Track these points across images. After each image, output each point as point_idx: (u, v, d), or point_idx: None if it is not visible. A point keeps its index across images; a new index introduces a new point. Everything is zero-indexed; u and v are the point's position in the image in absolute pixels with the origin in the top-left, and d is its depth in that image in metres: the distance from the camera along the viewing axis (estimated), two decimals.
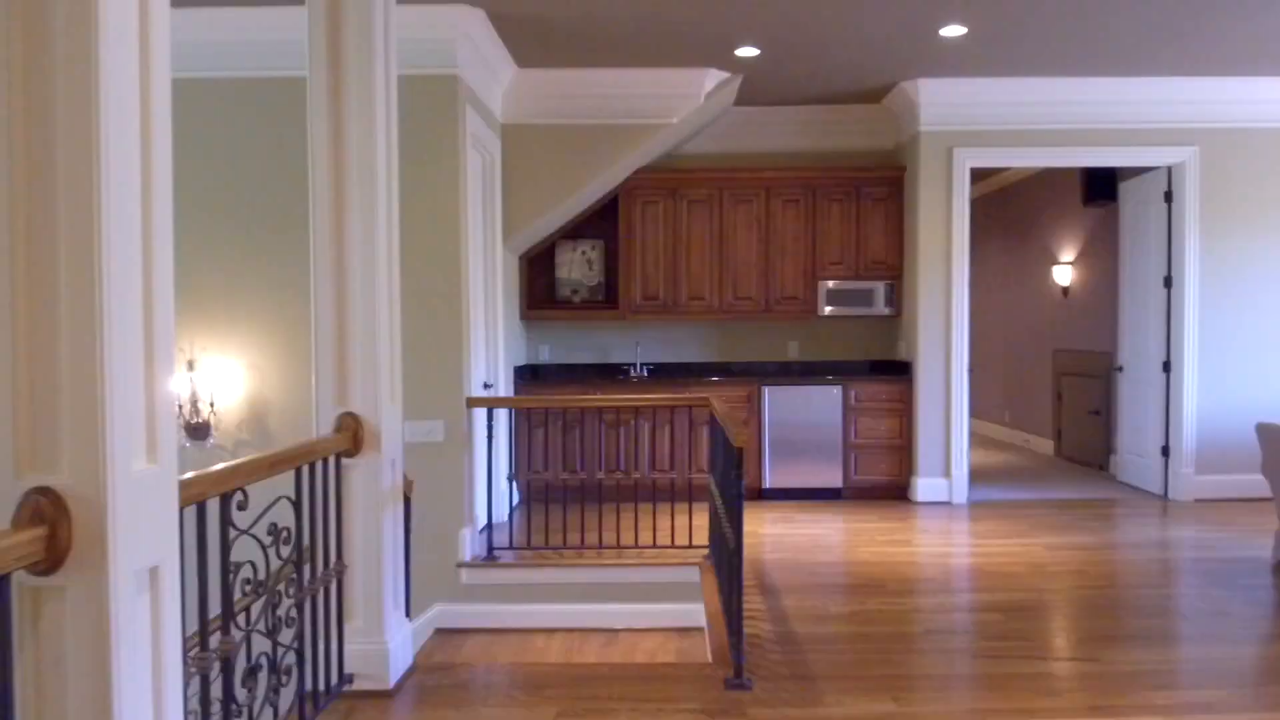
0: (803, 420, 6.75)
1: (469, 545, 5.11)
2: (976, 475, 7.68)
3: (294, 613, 2.85)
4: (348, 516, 3.25)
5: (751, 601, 4.42)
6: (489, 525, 5.36)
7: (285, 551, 2.79)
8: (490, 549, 5.15)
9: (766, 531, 5.86)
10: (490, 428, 5.07)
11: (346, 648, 3.25)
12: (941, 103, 6.55)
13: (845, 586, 4.65)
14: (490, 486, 5.17)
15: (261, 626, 2.68)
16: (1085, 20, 5.21)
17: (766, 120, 7.18)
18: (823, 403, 6.75)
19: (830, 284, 7.00)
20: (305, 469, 2.92)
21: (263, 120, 5.14)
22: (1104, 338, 8.01)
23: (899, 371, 6.95)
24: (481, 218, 5.83)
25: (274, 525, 2.71)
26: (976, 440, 9.86)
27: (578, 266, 7.19)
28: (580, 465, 6.26)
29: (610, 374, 7.24)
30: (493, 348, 5.98)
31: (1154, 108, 6.52)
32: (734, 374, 7.11)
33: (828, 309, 6.99)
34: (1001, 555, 5.20)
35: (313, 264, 3.23)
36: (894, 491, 6.85)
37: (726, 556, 3.82)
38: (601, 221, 7.20)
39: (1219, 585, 4.54)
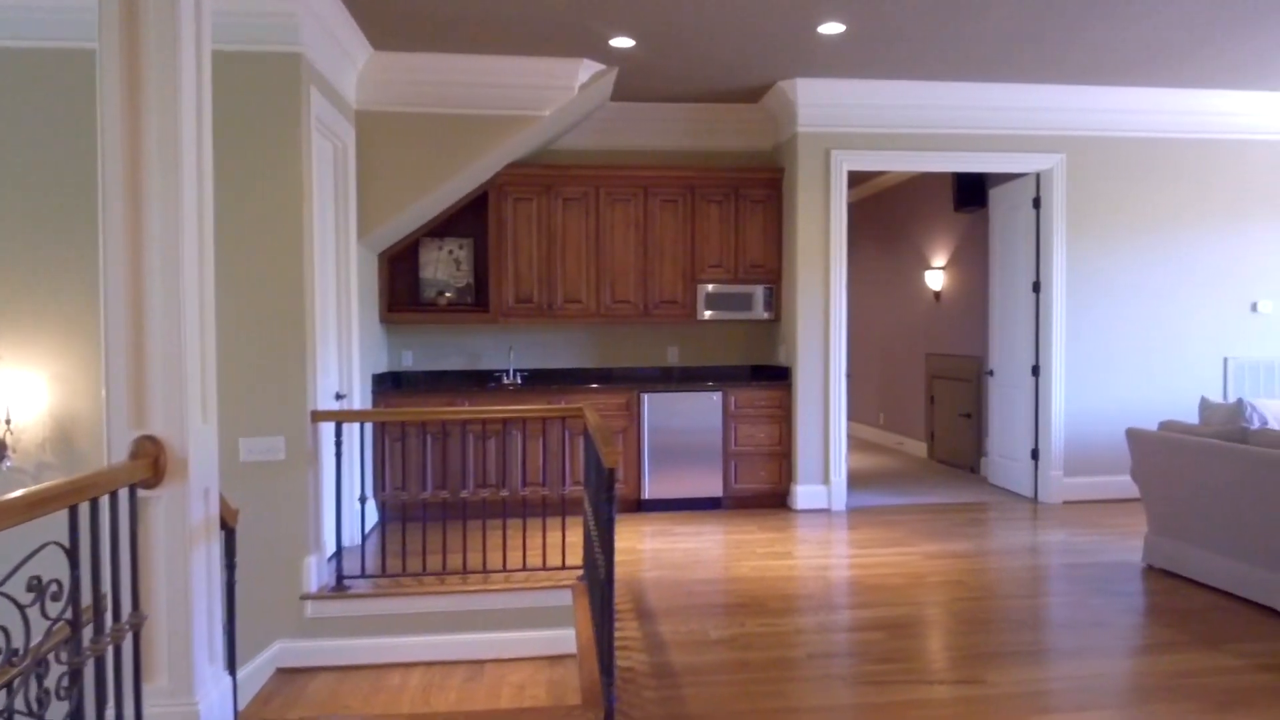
0: (683, 428, 6.51)
1: (315, 575, 4.61)
2: (854, 480, 7.64)
3: (70, 682, 2.35)
4: (147, 558, 2.74)
5: (626, 628, 4.11)
6: (339, 552, 4.86)
7: (56, 609, 2.28)
8: (340, 578, 4.66)
9: (645, 547, 5.57)
10: (339, 443, 4.58)
11: (147, 712, 2.75)
12: (819, 104, 6.43)
13: (725, 607, 4.40)
14: (340, 508, 4.68)
15: (21, 704, 2.17)
16: (959, 23, 5.16)
17: (645, 117, 6.91)
18: (703, 410, 6.53)
19: (710, 287, 6.79)
20: (85, 507, 2.42)
21: (68, 97, 4.49)
22: (975, 342, 8.12)
23: (779, 377, 6.80)
24: (333, 211, 5.31)
25: (37, 579, 2.21)
26: (852, 443, 9.90)
27: (444, 266, 6.72)
28: (446, 482, 5.82)
29: (481, 381, 6.81)
30: (346, 354, 5.47)
31: (1024, 114, 6.59)
32: (613, 380, 6.81)
33: (707, 313, 6.78)
34: (881, 566, 5.08)
35: (102, 264, 2.72)
36: (774, 500, 6.69)
37: (598, 587, 3.49)
38: (470, 218, 6.76)
39: (1095, 592, 4.52)
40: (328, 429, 4.77)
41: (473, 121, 5.86)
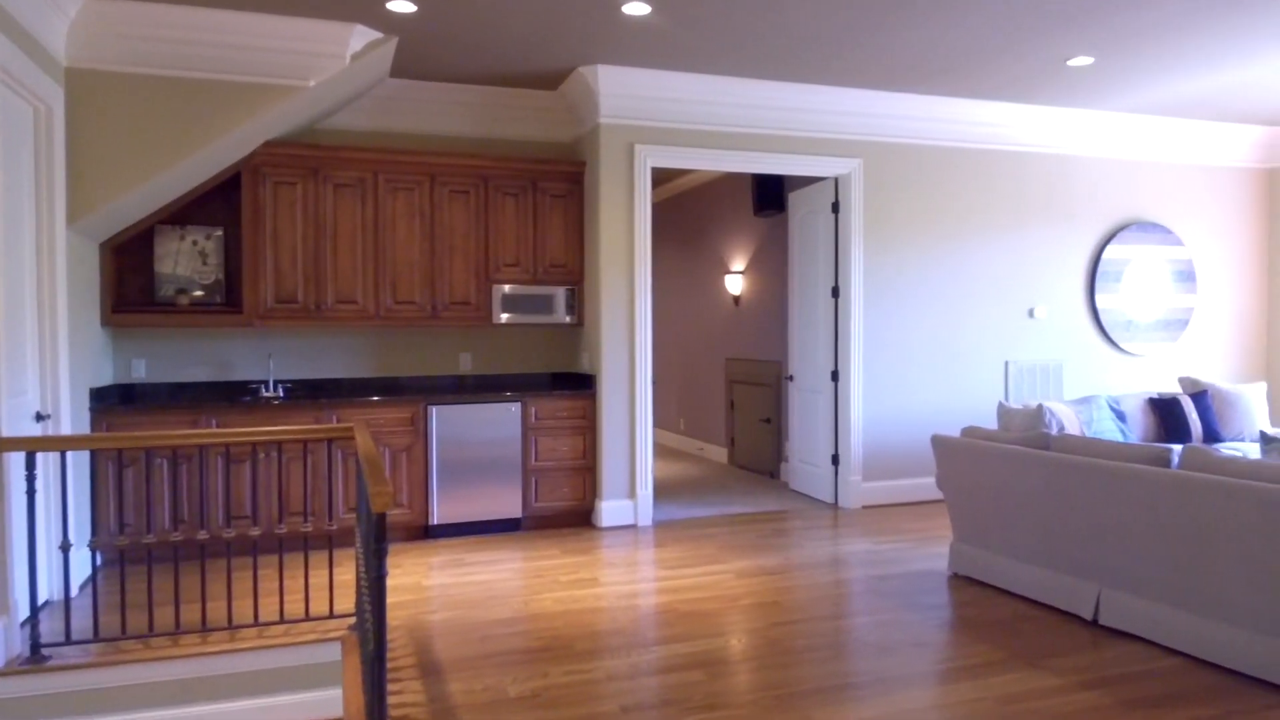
0: (477, 443, 5.88)
1: (0, 645, 3.60)
2: (659, 490, 7.31)
3: None
4: None
5: (408, 690, 3.45)
6: (35, 613, 3.84)
7: None
8: (36, 646, 3.67)
9: (432, 582, 4.89)
10: (31, 478, 3.60)
11: None
12: (623, 94, 6.02)
13: (526, 653, 3.84)
14: (33, 558, 3.68)
15: None
16: (762, 16, 4.90)
17: (432, 98, 6.21)
18: (500, 422, 5.92)
19: (506, 288, 6.20)
20: None
21: None
22: (775, 346, 8.04)
23: (582, 385, 6.32)
24: (30, 188, 4.25)
25: None
26: (655, 451, 9.63)
27: (187, 259, 5.70)
28: (185, 517, 4.87)
29: (233, 394, 5.83)
30: (50, 365, 4.40)
31: (825, 118, 6.51)
32: (396, 391, 6.05)
33: (504, 316, 6.18)
34: (693, 589, 4.71)
35: None
36: (578, 517, 6.20)
37: (368, 654, 2.83)
38: (220, 204, 5.79)
39: (909, 607, 4.37)
40: (14, 460, 3.75)
41: (221, 89, 4.95)
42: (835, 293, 6.81)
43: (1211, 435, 6.27)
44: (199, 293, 5.71)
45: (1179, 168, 7.64)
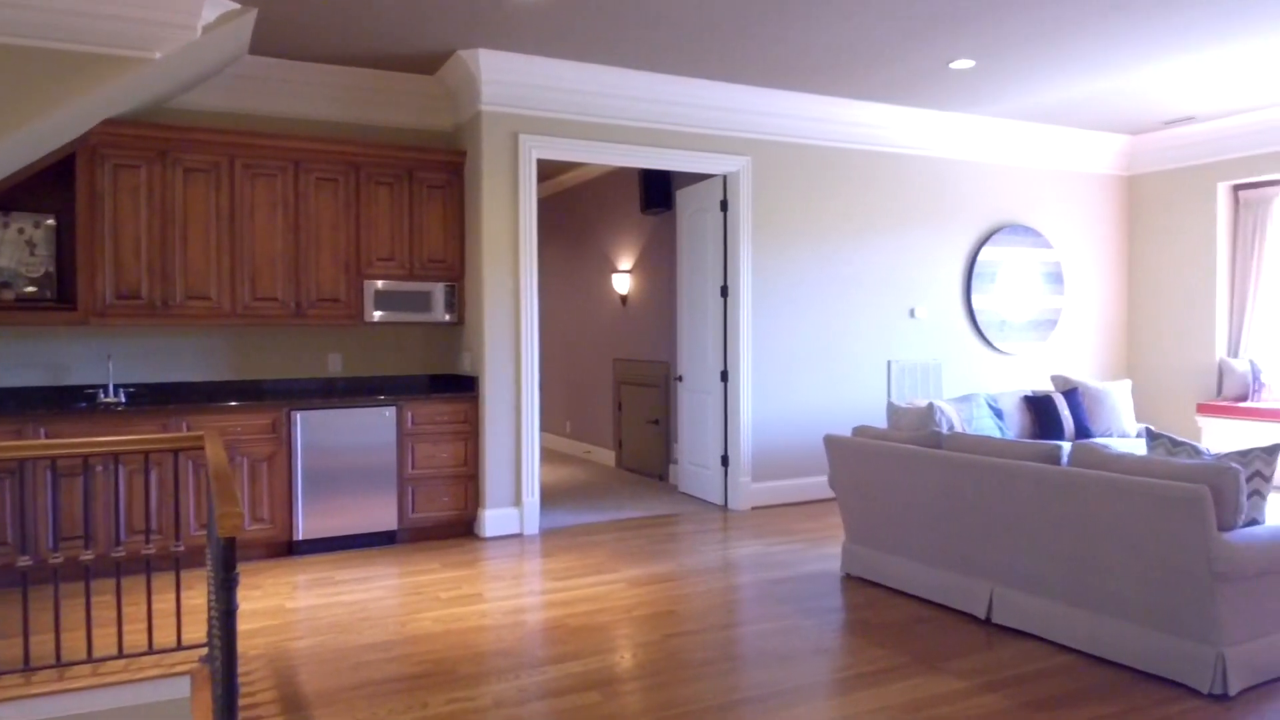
0: (348, 450, 5.46)
1: None
2: (545, 496, 7.03)
3: None
4: None
5: None
6: None
7: None
8: None
9: (298, 605, 4.47)
10: None
11: None
12: (506, 80, 5.73)
13: (403, 680, 3.50)
14: None
15: None
16: (652, 1, 4.73)
17: (298, 78, 5.75)
18: (373, 428, 5.52)
19: (380, 284, 5.79)
20: None
21: None
22: (663, 347, 7.90)
23: (463, 388, 5.98)
24: None
25: None
26: (541, 455, 9.33)
27: (13, 250, 5.05)
28: (3, 540, 4.30)
29: (67, 401, 5.21)
30: None
31: (714, 114, 6.39)
32: (256, 396, 5.55)
33: (377, 314, 5.78)
34: (585, 601, 4.47)
35: None
36: (460, 528, 5.86)
37: (218, 694, 2.46)
38: (51, 188, 5.17)
39: (805, 612, 4.26)
40: None
41: (52, 59, 4.38)
42: (724, 292, 6.71)
43: (1083, 431, 6.49)
44: (29, 288, 5.07)
45: (1049, 173, 7.93)
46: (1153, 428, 6.72)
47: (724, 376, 6.72)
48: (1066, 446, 3.84)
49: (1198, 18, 5.00)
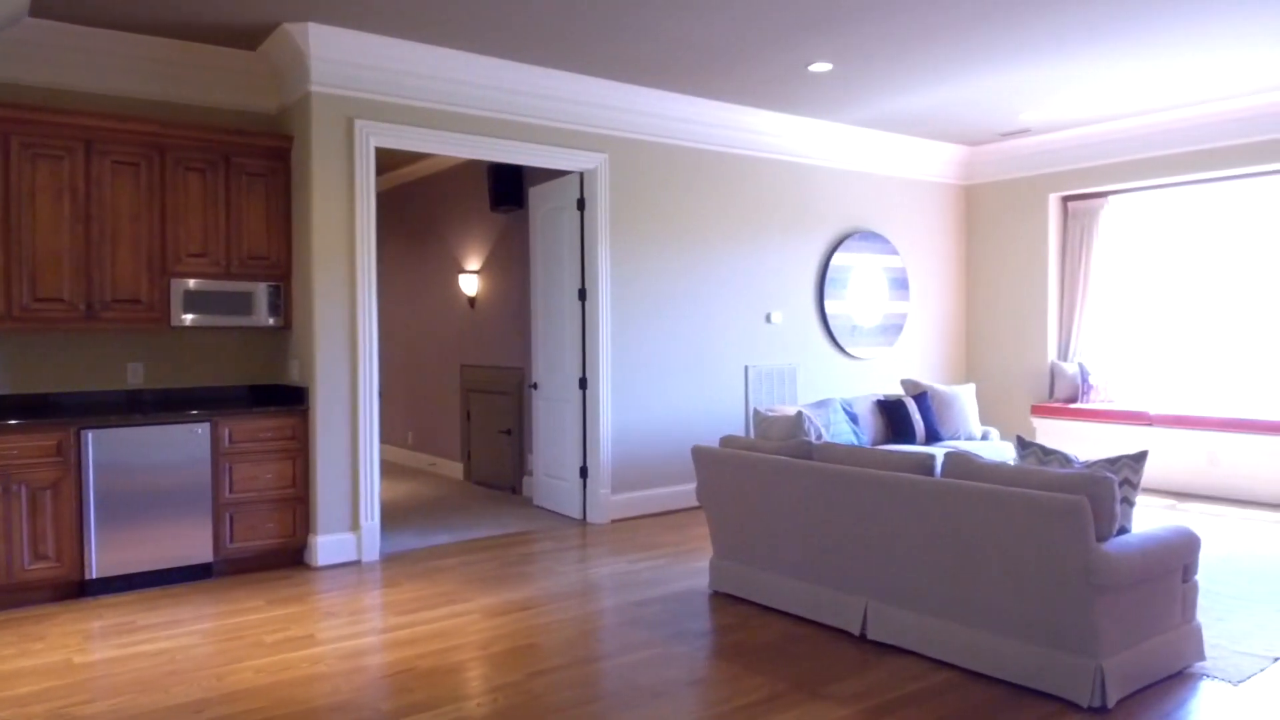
0: (152, 473, 4.75)
1: None
2: (386, 515, 6.46)
3: None
4: None
5: None
6: None
7: None
8: None
9: (89, 659, 3.78)
10: None
11: None
12: (340, 59, 5.18)
13: None
14: None
15: None
16: None
17: (91, 46, 4.97)
18: (182, 447, 4.84)
19: (191, 284, 5.10)
20: None
21: None
22: (516, 352, 7.48)
23: (291, 400, 5.35)
24: None
25: None
26: (380, 468, 8.68)
27: None
28: None
29: None
30: None
31: (572, 108, 6.05)
32: (37, 412, 4.73)
33: (188, 317, 5.08)
34: (435, 637, 4.01)
35: None
36: (288, 557, 5.24)
37: None
38: None
39: (677, 637, 3.98)
40: None
41: None
42: (582, 295, 6.38)
43: (933, 434, 6.59)
44: None
45: (896, 181, 8.08)
46: (995, 431, 6.92)
47: (583, 383, 6.39)
48: (940, 456, 3.75)
49: (1041, 33, 5.11)
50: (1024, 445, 3.71)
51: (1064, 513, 3.13)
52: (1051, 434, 7.76)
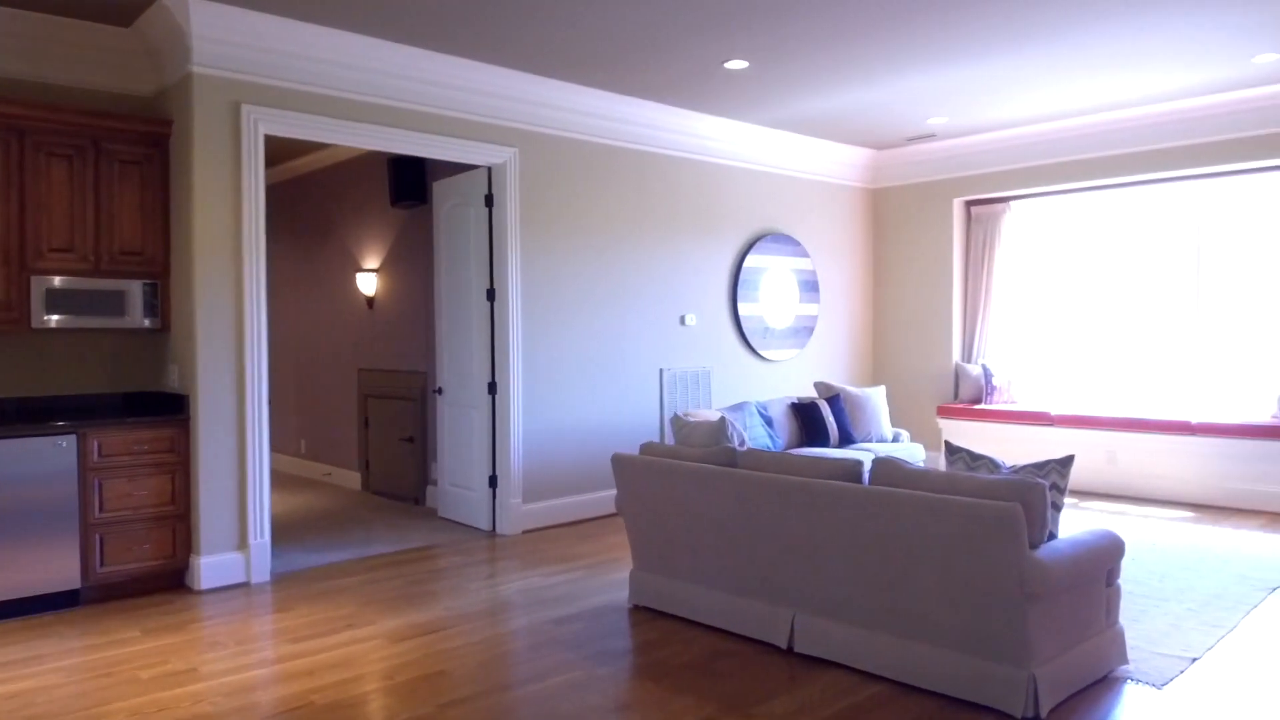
0: (9, 490, 4.25)
1: None
2: (277, 530, 6.03)
3: None
4: None
5: None
6: None
7: None
8: None
9: None
10: None
11: None
12: (226, 39, 4.77)
13: None
14: None
15: None
16: None
17: None
18: (43, 460, 4.35)
19: (55, 281, 4.60)
20: None
21: None
22: (418, 355, 7.13)
23: (169, 409, 4.90)
24: None
25: None
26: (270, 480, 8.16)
27: None
28: None
29: None
30: None
31: (480, 99, 5.77)
32: None
33: (51, 318, 4.58)
34: (334, 667, 3.68)
35: None
36: (167, 581, 4.79)
37: None
38: None
39: (597, 657, 3.76)
40: None
41: None
42: (491, 295, 6.09)
43: (846, 436, 6.56)
44: None
45: (807, 182, 8.07)
46: (906, 432, 6.96)
47: (491, 388, 6.10)
48: (868, 463, 3.65)
49: (953, 37, 5.12)
50: (952, 450, 3.65)
51: (998, 520, 3.06)
52: (956, 434, 7.88)
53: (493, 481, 6.12)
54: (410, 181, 6.94)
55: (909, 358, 8.50)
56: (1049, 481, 3.34)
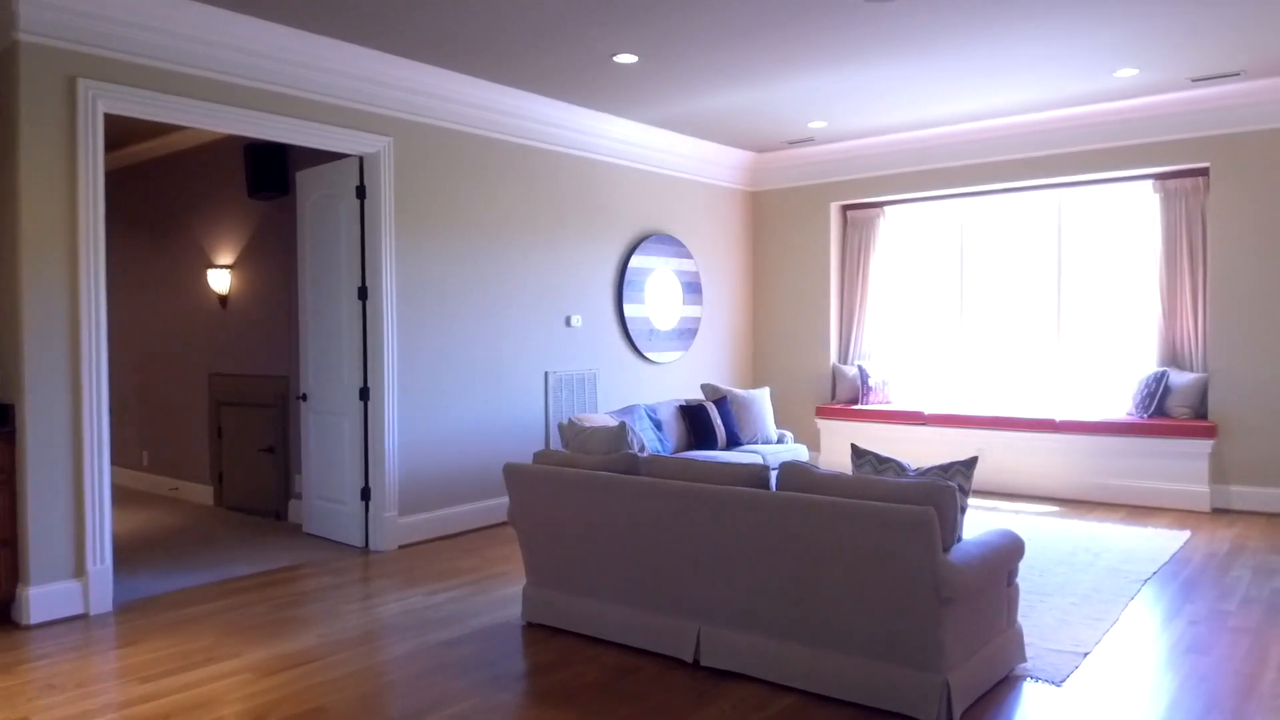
0: None
1: None
2: (118, 554, 5.42)
3: None
4: None
5: None
6: None
7: None
8: None
9: None
10: None
11: None
12: (58, 3, 4.22)
13: None
14: None
15: None
16: None
17: None
18: None
19: None
20: None
21: None
22: (279, 359, 6.61)
23: None
24: None
25: None
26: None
27: None
28: None
29: None
30: None
31: (350, 82, 5.37)
32: None
33: None
34: (193, 709, 3.27)
35: None
36: None
37: None
38: None
39: (492, 682, 3.50)
40: None
41: None
42: (363, 294, 5.69)
43: (733, 438, 6.52)
44: None
45: (690, 183, 8.00)
46: (790, 434, 6.98)
47: (364, 394, 5.69)
48: (774, 468, 3.55)
49: (837, 41, 5.13)
50: (859, 454, 3.60)
51: (912, 524, 3.01)
52: (834, 434, 8.00)
53: (365, 494, 5.71)
54: (271, 170, 6.42)
55: (788, 359, 8.58)
56: (955, 483, 3.32)
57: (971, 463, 3.42)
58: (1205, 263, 6.60)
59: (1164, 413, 6.63)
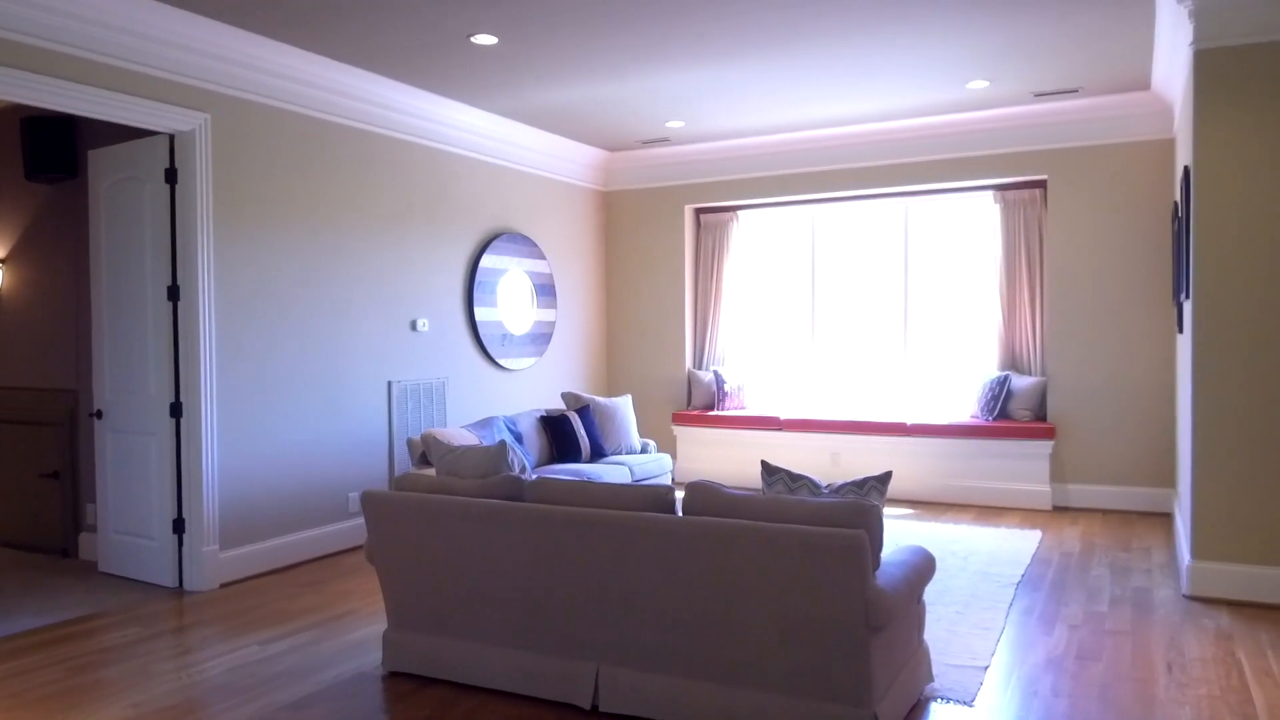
0: None
1: None
2: None
3: None
4: None
5: None
6: None
7: None
8: None
9: None
10: None
11: None
12: None
13: None
14: None
15: None
16: None
17: None
18: None
19: None
20: None
21: None
22: (66, 370, 5.64)
23: None
24: None
25: None
26: None
27: None
28: None
29: None
30: None
31: (156, 47, 4.58)
32: None
33: None
34: None
35: None
36: None
37: None
38: None
39: None
40: None
41: None
42: (174, 294, 4.89)
43: (597, 449, 6.18)
44: None
45: (542, 180, 7.58)
46: (653, 443, 6.72)
47: (176, 410, 4.90)
48: (678, 489, 3.23)
49: (698, 36, 4.91)
50: (770, 471, 3.34)
51: (843, 549, 2.77)
52: (691, 441, 7.83)
53: (178, 526, 4.91)
54: (55, 148, 5.45)
55: (644, 365, 8.33)
56: (877, 503, 3.13)
57: (885, 478, 3.24)
58: (1042, 271, 6.91)
59: (1007, 415, 6.89)
